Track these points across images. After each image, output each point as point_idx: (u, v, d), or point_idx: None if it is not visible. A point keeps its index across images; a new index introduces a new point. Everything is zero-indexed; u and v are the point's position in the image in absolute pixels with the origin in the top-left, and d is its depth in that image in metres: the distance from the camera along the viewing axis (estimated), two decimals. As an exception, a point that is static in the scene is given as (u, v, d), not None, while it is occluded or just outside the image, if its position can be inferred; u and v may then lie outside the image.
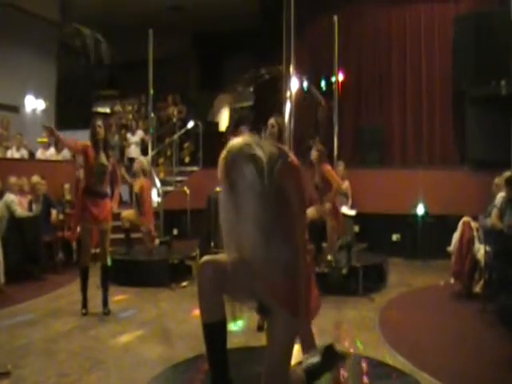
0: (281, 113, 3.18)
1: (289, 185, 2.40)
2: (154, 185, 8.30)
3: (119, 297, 6.17)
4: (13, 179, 7.69)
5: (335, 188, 6.55)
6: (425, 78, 10.80)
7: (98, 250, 5.76)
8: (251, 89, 13.36)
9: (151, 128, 9.26)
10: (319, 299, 2.75)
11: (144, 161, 7.87)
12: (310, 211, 6.27)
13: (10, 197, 7.41)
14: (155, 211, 8.32)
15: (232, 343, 4.42)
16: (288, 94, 2.63)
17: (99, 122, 5.55)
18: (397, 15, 11.17)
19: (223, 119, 14.45)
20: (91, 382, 3.71)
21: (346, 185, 9.26)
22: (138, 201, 7.55)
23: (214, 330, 2.64)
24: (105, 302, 5.52)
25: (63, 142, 6.08)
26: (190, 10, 13.07)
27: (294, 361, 2.75)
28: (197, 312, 2.69)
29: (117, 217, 6.02)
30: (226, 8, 12.62)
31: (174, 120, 12.27)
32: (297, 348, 2.93)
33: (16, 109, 12.14)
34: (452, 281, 6.50)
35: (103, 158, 5.50)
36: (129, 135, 12.21)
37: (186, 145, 12.17)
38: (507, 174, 6.02)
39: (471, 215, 6.39)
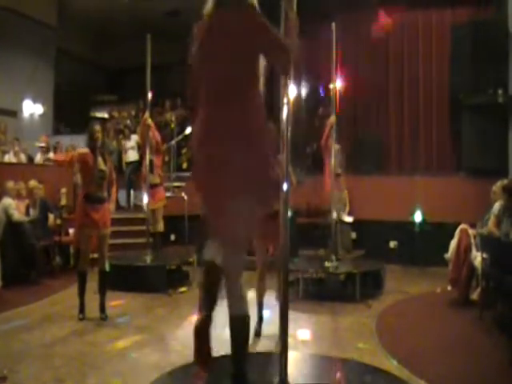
0: (274, 119, 3.16)
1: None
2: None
3: (116, 302, 6.15)
4: (10, 183, 7.69)
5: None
6: (422, 86, 10.85)
7: (95, 255, 5.74)
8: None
9: None
10: None
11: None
12: None
13: (7, 201, 7.40)
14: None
15: (228, 349, 4.43)
16: (286, 100, 2.62)
17: (97, 127, 5.55)
18: (395, 23, 11.21)
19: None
20: (88, 387, 3.70)
21: (344, 193, 9.27)
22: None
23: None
24: (102, 308, 5.50)
25: (57, 162, 6.04)
26: (187, 16, 13.07)
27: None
28: (193, 318, 2.72)
29: (114, 222, 6.00)
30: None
31: (172, 126, 12.27)
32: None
33: (14, 113, 12.15)
34: (449, 288, 6.51)
35: (101, 164, 5.51)
36: (125, 141, 12.22)
37: (183, 150, 12.17)
38: (503, 182, 6.06)
39: (468, 222, 6.41)
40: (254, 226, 2.81)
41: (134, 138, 11.65)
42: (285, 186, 2.68)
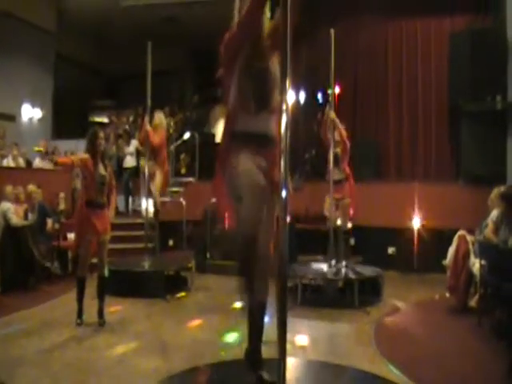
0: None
1: None
2: (151, 195, 8.25)
3: (114, 307, 6.13)
4: (9, 188, 7.67)
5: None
6: (421, 93, 10.89)
7: (94, 261, 5.73)
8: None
9: None
10: None
11: (162, 115, 7.99)
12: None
13: (6, 205, 7.38)
14: (152, 222, 8.30)
15: (229, 355, 4.43)
16: (284, 106, 2.62)
17: (101, 134, 5.59)
18: (393, 30, 11.28)
19: (220, 130, 14.46)
20: (86, 393, 3.70)
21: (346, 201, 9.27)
22: (155, 153, 7.82)
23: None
24: (100, 313, 5.50)
25: (59, 164, 6.09)
26: (186, 22, 13.12)
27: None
28: (192, 323, 2.71)
29: (112, 227, 5.98)
30: (222, 20, 12.66)
31: (171, 131, 12.28)
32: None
33: (12, 118, 12.15)
34: (447, 295, 6.50)
35: (102, 169, 5.52)
36: (124, 146, 12.25)
37: (182, 156, 12.18)
38: (500, 189, 6.07)
39: (466, 229, 6.41)
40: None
41: (134, 143, 11.69)
42: (283, 193, 2.67)
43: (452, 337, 5.25)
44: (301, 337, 5.06)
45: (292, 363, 3.62)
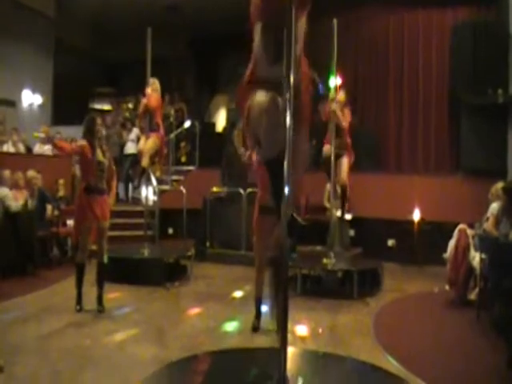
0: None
1: None
2: (151, 183, 8.21)
3: (113, 294, 6.12)
4: (6, 173, 7.61)
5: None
6: (421, 85, 10.84)
7: (93, 247, 5.72)
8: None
9: None
10: None
11: (157, 81, 7.90)
12: None
13: (4, 191, 7.33)
14: (151, 210, 8.28)
15: (228, 344, 4.44)
16: (288, 96, 2.62)
17: (99, 120, 5.57)
18: (395, 21, 11.20)
19: (220, 119, 14.44)
20: (84, 380, 3.69)
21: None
22: (151, 115, 7.74)
23: None
24: (99, 300, 5.50)
25: (57, 147, 6.04)
26: (187, 11, 13.02)
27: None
28: (191, 311, 2.69)
29: (112, 215, 5.96)
30: (223, 9, 12.57)
31: (171, 119, 12.24)
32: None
33: (13, 103, 12.10)
34: (447, 288, 6.51)
35: (100, 155, 5.50)
36: (125, 133, 12.21)
37: (182, 144, 12.15)
38: (499, 183, 6.07)
39: (466, 223, 6.41)
40: None
41: (136, 131, 11.64)
42: (286, 188, 2.67)
43: (451, 330, 5.26)
44: (300, 327, 5.07)
45: (292, 352, 3.62)
